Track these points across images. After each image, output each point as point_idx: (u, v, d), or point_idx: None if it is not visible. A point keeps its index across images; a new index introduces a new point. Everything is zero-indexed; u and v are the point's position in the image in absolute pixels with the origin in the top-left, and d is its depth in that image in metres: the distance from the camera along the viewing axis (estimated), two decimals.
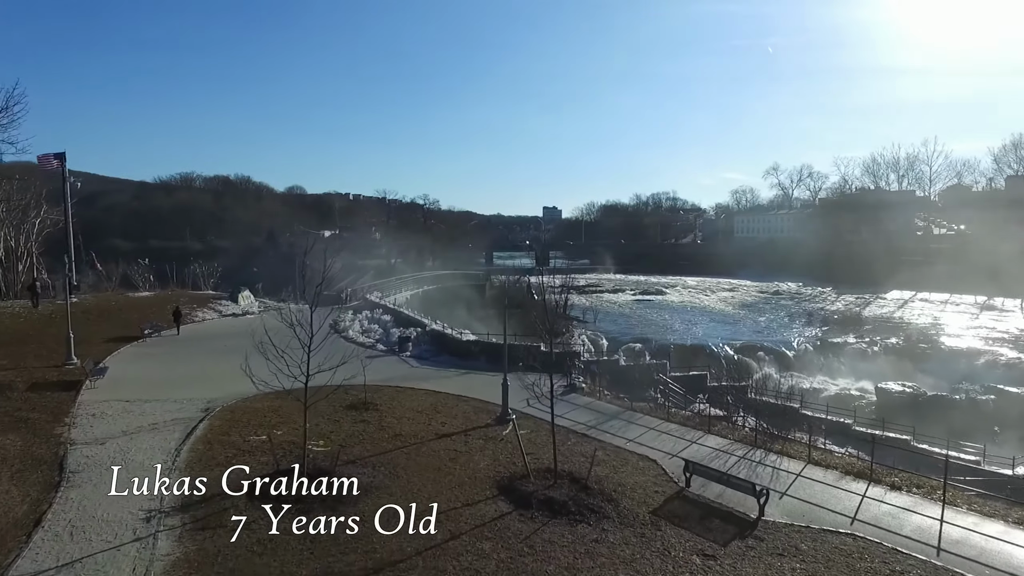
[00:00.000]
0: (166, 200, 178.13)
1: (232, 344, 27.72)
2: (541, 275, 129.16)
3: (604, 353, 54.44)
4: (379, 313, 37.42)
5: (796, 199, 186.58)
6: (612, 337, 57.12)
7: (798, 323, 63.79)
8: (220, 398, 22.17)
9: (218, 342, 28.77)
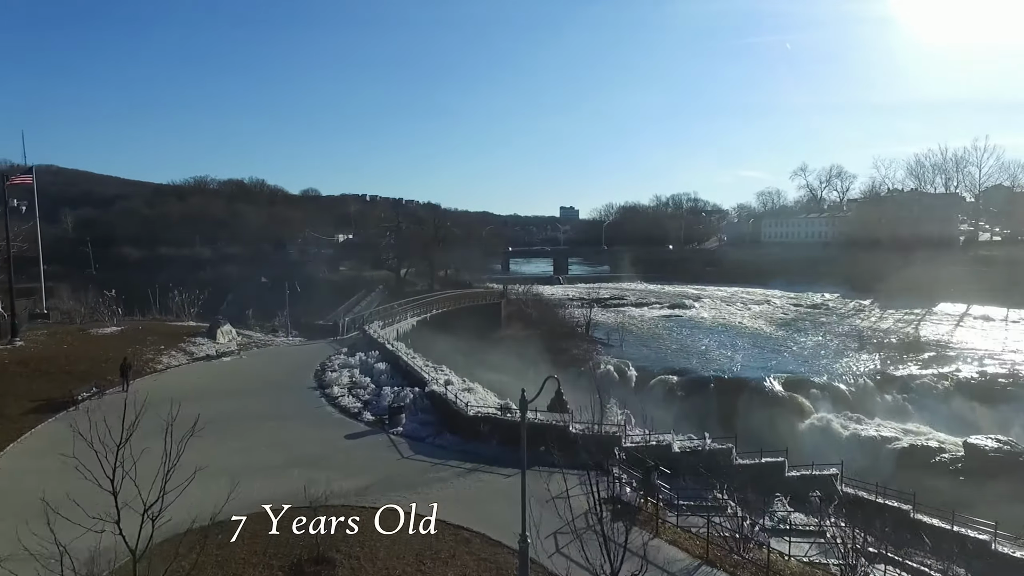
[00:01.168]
0: (178, 206, 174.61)
1: (188, 412, 22.36)
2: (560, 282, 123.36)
3: (632, 387, 48.73)
4: (375, 358, 31.86)
5: (824, 200, 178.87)
6: (641, 367, 51.20)
7: (849, 348, 57.24)
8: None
9: (170, 408, 23.40)
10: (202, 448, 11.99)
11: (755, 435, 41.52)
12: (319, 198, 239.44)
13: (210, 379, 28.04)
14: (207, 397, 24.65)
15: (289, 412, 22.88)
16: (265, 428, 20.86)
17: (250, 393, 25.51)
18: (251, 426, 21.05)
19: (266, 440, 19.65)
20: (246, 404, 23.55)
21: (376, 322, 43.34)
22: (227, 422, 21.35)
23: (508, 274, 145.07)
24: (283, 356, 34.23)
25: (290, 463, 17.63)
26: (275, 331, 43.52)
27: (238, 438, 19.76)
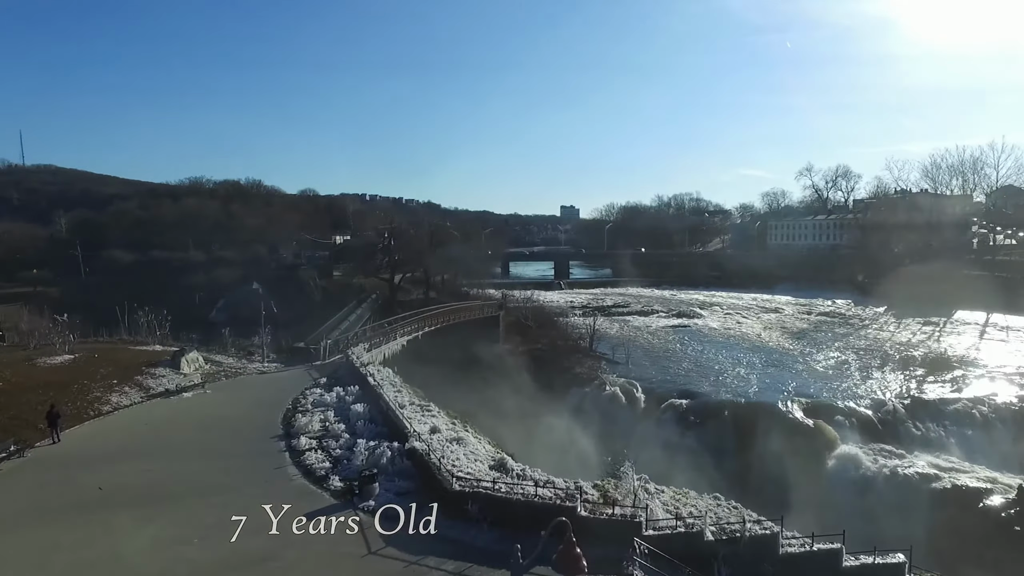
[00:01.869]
0: (172, 208, 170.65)
1: (118, 477, 18.67)
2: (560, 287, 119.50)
3: (640, 411, 45.03)
4: (353, 395, 28.16)
5: (830, 201, 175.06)
6: (650, 388, 47.50)
7: (871, 365, 53.45)
8: None
9: (103, 472, 19.65)
10: (115, 532, 8.40)
11: (777, 472, 37.97)
12: (317, 198, 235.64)
13: (160, 425, 24.33)
14: (148, 453, 21.06)
15: (242, 476, 19.16)
16: (207, 502, 17.12)
17: (202, 446, 21.83)
18: (189, 498, 17.32)
19: (202, 522, 15.91)
20: (192, 464, 19.87)
21: (361, 345, 39.62)
22: (161, 492, 17.71)
23: (508, 278, 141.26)
24: (253, 390, 30.53)
25: (222, 565, 13.92)
26: (251, 354, 39.82)
27: (167, 517, 16.06)
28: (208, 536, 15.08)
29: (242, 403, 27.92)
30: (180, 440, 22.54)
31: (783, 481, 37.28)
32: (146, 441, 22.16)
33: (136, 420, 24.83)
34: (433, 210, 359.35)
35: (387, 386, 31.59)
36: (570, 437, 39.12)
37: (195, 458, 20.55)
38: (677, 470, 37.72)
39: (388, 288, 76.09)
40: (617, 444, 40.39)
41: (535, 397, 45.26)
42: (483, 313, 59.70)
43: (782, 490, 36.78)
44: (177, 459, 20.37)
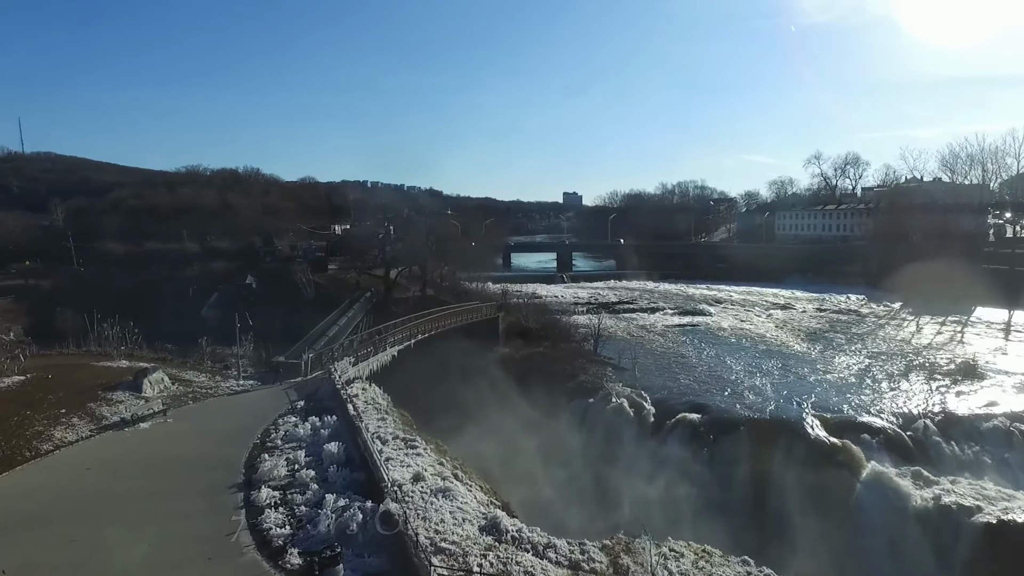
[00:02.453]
0: (168, 197, 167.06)
1: (39, 558, 15.50)
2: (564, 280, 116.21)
3: (649, 426, 41.87)
4: (330, 428, 24.93)
5: (838, 189, 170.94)
6: (659, 399, 44.34)
7: (894, 372, 50.18)
8: None
9: (16, 545, 16.43)
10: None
11: (800, 498, 34.82)
12: (316, 185, 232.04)
13: (103, 470, 21.15)
14: (78, 513, 17.92)
15: (185, 549, 16.00)
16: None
17: (145, 502, 18.67)
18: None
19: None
20: (128, 530, 16.71)
21: (346, 359, 36.43)
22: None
23: (509, 270, 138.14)
24: (220, 418, 27.35)
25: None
26: (228, 368, 36.64)
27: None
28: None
29: (204, 436, 24.76)
30: (121, 492, 19.38)
31: (806, 509, 34.24)
32: (80, 496, 18.99)
33: (77, 463, 21.65)
34: (435, 197, 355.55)
35: (371, 412, 28.49)
36: (573, 464, 36.03)
37: (134, 520, 17.39)
38: (690, 500, 34.84)
39: (384, 286, 72.80)
40: (624, 470, 37.60)
41: (535, 411, 42.17)
42: (481, 316, 56.53)
43: (805, 519, 33.84)
44: (112, 522, 17.21)
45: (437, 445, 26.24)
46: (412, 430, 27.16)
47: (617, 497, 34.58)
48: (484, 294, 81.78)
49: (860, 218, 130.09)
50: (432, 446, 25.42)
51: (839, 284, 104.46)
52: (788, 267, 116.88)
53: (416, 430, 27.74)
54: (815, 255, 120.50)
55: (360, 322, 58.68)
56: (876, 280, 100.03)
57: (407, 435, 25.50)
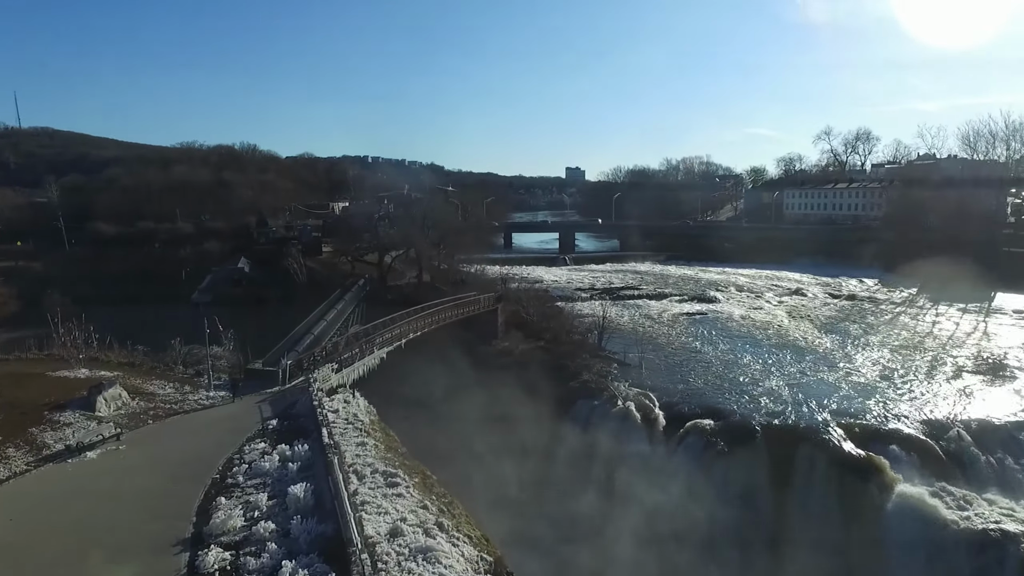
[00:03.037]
0: (161, 175, 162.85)
1: None
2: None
3: (659, 433, 38.86)
4: (300, 463, 21.83)
5: (848, 165, 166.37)
6: (669, 402, 41.35)
7: (918, 370, 47.03)
8: None
9: None
10: None
11: (822, 520, 31.99)
12: (315, 161, 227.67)
13: (27, 520, 18.12)
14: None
15: None
16: None
17: (68, 567, 15.74)
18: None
19: None
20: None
21: (328, 366, 33.31)
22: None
23: (510, 250, 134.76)
24: (179, 443, 24.27)
25: None
26: (200, 375, 33.53)
27: None
28: None
29: (156, 470, 21.72)
30: (40, 555, 16.40)
31: (830, 533, 31.45)
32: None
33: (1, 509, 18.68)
34: (436, 172, 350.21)
35: (350, 435, 25.43)
36: (575, 488, 33.17)
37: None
38: (704, 524, 32.00)
39: (378, 272, 69.52)
40: (632, 488, 34.72)
41: (534, 421, 39.20)
42: (479, 308, 53.29)
43: (829, 546, 31.04)
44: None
45: (423, 476, 23.24)
46: (395, 457, 24.11)
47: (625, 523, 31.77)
48: (483, 280, 78.47)
49: (872, 197, 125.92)
50: (417, 479, 22.39)
51: (851, 267, 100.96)
52: (798, 248, 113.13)
53: (400, 456, 24.71)
54: (825, 236, 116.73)
55: (351, 314, 55.57)
56: (890, 263, 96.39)
57: (388, 467, 22.42)
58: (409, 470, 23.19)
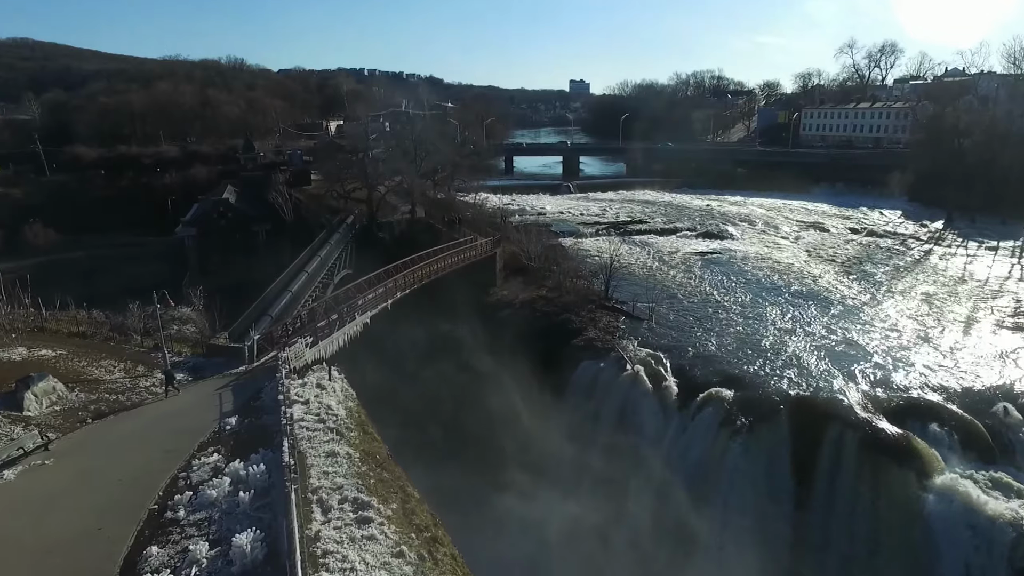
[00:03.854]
0: (143, 95, 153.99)
1: None
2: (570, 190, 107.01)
3: (671, 403, 35.41)
4: (253, 491, 18.29)
5: (869, 80, 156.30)
6: (681, 365, 37.71)
7: (952, 322, 43.14)
8: None
9: None
10: None
11: (853, 510, 28.98)
12: (307, 75, 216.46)
13: None
14: None
15: None
16: None
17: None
18: None
19: None
20: None
21: (304, 339, 29.40)
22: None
23: (511, 175, 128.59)
24: (118, 454, 20.63)
25: None
26: (157, 350, 29.55)
27: None
28: None
29: (84, 500, 18.16)
30: None
31: (862, 525, 28.53)
32: None
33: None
34: (435, 86, 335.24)
35: (319, 441, 21.77)
36: (582, 486, 30.03)
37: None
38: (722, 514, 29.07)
39: (368, 209, 64.54)
40: (640, 481, 31.68)
41: (533, 388, 35.89)
42: (475, 254, 48.91)
43: (861, 538, 28.17)
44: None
45: (403, 497, 19.79)
46: (372, 470, 20.54)
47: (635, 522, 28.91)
48: (481, 216, 73.68)
49: (897, 118, 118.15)
50: (395, 504, 18.93)
51: (872, 196, 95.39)
52: (815, 175, 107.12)
53: (378, 465, 21.19)
54: (845, 161, 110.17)
55: (337, 261, 51.27)
56: (915, 192, 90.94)
57: (361, 491, 18.84)
58: (386, 490, 19.72)
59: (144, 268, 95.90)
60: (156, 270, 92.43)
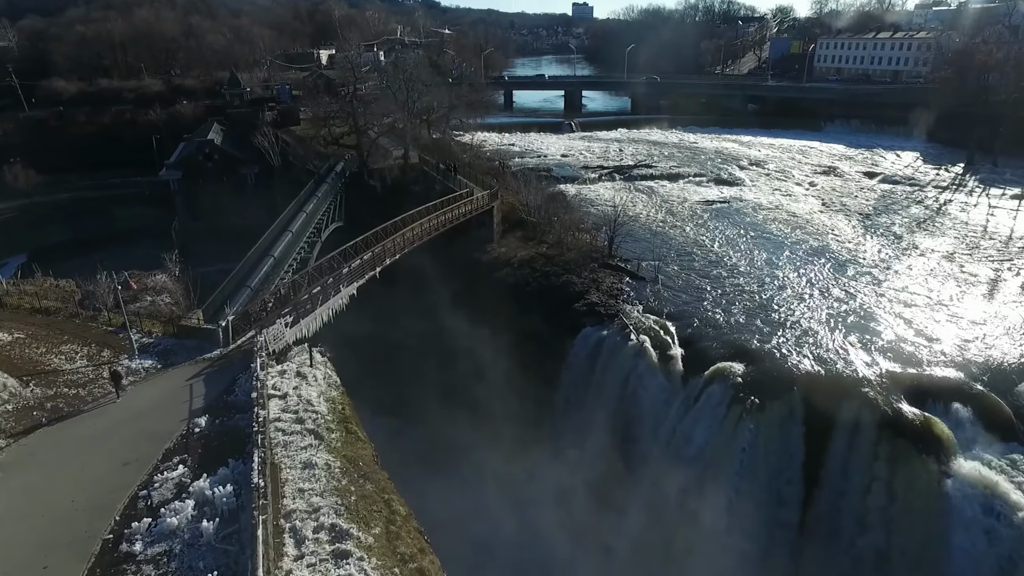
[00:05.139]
0: (124, 25, 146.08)
1: None
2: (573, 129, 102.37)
3: (677, 377, 33.56)
4: (218, 520, 16.49)
5: (891, 4, 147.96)
6: (688, 336, 35.63)
7: (976, 287, 40.76)
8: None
9: None
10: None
11: (865, 498, 27.53)
12: (296, 2, 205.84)
13: None
14: None
15: None
16: None
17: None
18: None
19: None
20: None
21: (283, 319, 27.13)
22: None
23: (511, 111, 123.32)
24: (73, 466, 18.70)
25: None
26: (126, 329, 27.31)
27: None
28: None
29: (29, 527, 16.25)
30: None
31: (876, 513, 27.17)
32: None
33: None
34: (432, 10, 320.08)
35: (296, 448, 19.92)
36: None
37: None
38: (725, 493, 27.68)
39: (358, 155, 60.91)
40: (641, 459, 30.11)
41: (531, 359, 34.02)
42: (471, 209, 46.00)
43: (874, 528, 26.83)
44: None
45: (388, 517, 18.03)
46: (354, 483, 18.72)
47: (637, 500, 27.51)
48: (479, 158, 70.09)
49: (919, 50, 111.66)
50: (378, 528, 17.19)
51: (889, 135, 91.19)
52: (830, 111, 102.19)
53: (360, 475, 19.36)
54: (861, 97, 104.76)
55: (325, 214, 48.40)
56: (934, 131, 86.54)
57: (339, 514, 17.06)
58: (369, 508, 17.95)
59: (132, 211, 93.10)
60: (144, 212, 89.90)
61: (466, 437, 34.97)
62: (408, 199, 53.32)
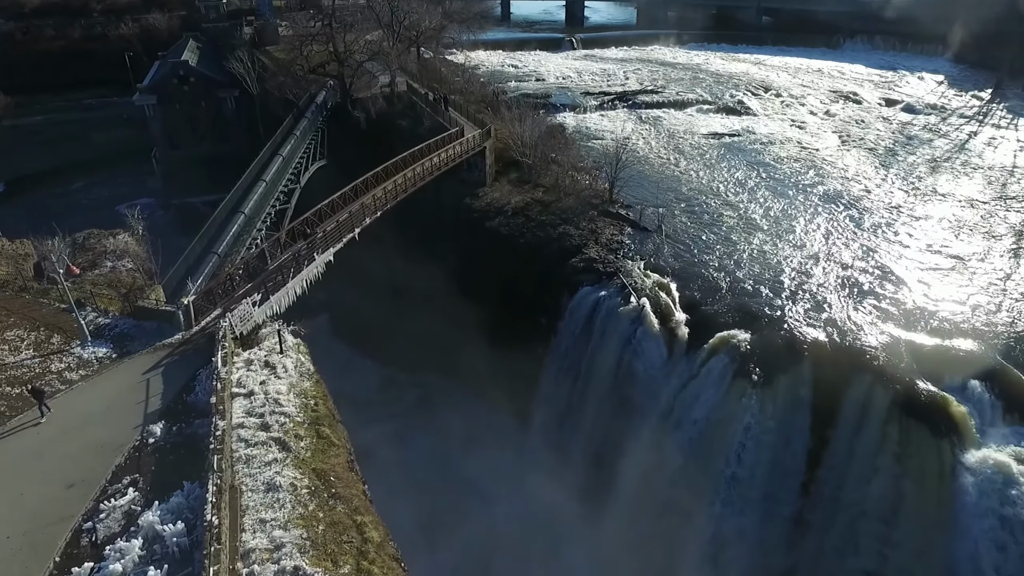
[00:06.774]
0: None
1: None
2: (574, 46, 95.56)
3: (680, 347, 31.62)
4: (168, 565, 14.77)
5: None
6: (693, 298, 33.36)
7: (1000, 242, 38.04)
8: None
9: None
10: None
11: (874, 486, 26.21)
12: None
13: None
14: None
15: None
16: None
17: None
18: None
19: None
20: None
21: (251, 297, 24.77)
22: None
23: (508, 24, 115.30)
24: (10, 488, 16.79)
25: None
26: (80, 306, 24.98)
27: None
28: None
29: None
30: None
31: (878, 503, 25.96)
32: None
33: None
34: None
35: (258, 463, 18.16)
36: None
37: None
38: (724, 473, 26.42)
39: (339, 83, 56.18)
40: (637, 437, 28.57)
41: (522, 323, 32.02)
42: (461, 151, 42.52)
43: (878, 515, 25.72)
44: None
45: (359, 547, 16.46)
46: (323, 507, 17.07)
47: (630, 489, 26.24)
48: (472, 84, 65.33)
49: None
50: (347, 568, 15.62)
51: (913, 53, 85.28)
52: (851, 26, 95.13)
53: (331, 494, 17.69)
54: (884, 9, 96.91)
55: (305, 153, 44.91)
56: (962, 51, 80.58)
57: (304, 552, 15.44)
58: (339, 538, 16.37)
59: (110, 134, 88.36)
60: (123, 135, 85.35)
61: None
62: (395, 135, 49.71)
